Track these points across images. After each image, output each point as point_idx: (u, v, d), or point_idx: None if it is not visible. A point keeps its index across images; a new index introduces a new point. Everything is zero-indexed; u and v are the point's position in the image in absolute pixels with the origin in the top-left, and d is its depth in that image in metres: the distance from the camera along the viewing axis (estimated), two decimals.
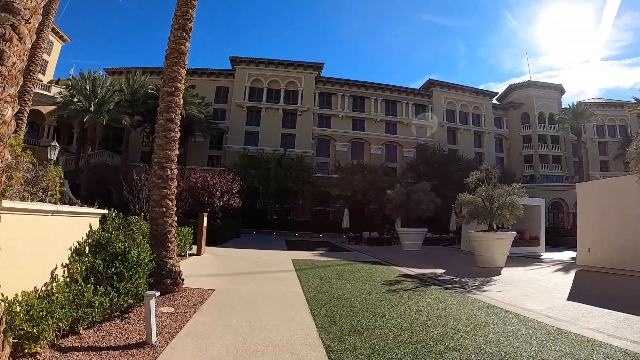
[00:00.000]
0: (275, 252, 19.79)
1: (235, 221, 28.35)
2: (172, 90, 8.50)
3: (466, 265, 17.48)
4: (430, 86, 60.06)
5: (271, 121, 52.69)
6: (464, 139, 58.94)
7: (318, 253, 20.66)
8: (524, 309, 8.01)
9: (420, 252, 24.34)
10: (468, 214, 17.86)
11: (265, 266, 13.56)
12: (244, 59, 54.54)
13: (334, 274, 12.32)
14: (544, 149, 61.90)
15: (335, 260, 17.06)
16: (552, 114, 62.87)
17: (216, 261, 14.47)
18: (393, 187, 40.70)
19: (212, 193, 22.15)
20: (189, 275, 9.71)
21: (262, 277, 11.32)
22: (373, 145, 54.93)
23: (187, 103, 39.71)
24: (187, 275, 9.29)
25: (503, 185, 18.36)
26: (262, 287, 9.45)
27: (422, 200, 25.49)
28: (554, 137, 62.78)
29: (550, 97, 64.74)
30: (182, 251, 14.55)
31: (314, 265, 14.31)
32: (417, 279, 12.25)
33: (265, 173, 39.74)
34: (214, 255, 16.10)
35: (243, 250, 19.82)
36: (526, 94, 64.17)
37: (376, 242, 29.65)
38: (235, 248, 20.83)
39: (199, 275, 10.84)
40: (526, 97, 64.02)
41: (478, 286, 11.22)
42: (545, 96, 64.40)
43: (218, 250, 18.63)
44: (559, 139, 63.00)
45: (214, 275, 11.10)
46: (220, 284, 9.59)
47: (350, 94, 56.73)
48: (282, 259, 16.12)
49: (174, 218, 8.24)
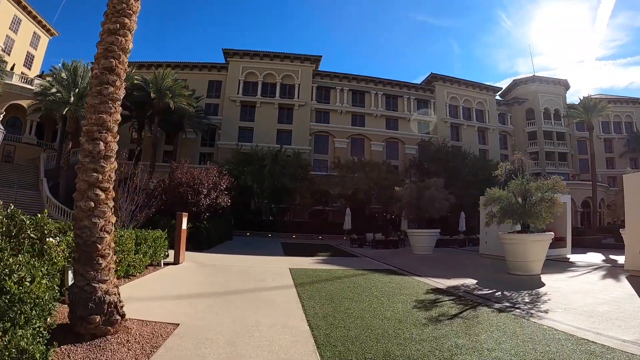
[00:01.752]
0: (271, 259, 16.99)
1: (226, 222, 25.50)
2: (115, 28, 5.66)
3: (495, 272, 15.05)
4: (433, 81, 57.44)
5: (266, 116, 49.79)
6: (468, 135, 56.30)
7: (320, 259, 17.86)
8: (622, 342, 5.71)
9: (433, 257, 21.69)
10: (501, 211, 15.11)
11: (257, 280, 10.73)
12: (238, 52, 51.67)
13: (345, 291, 9.50)
14: (549, 145, 60.03)
15: (341, 269, 14.24)
16: (558, 110, 61.15)
17: (196, 272, 11.67)
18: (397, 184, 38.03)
19: (198, 190, 19.31)
20: (150, 298, 7.06)
21: (252, 298, 8.43)
22: (374, 142, 52.16)
23: (175, 95, 36.92)
24: (149, 297, 6.75)
25: (538, 179, 15.84)
26: (251, 319, 6.58)
27: (436, 198, 22.74)
28: (559, 133, 60.96)
29: (555, 93, 62.70)
30: (154, 260, 11.74)
31: (318, 278, 11.51)
32: (454, 296, 9.50)
33: (260, 170, 36.79)
34: (195, 264, 13.31)
35: (233, 257, 16.93)
36: (530, 89, 62.09)
37: (382, 245, 26.87)
38: (224, 254, 17.95)
39: (165, 297, 8.05)
40: (530, 92, 61.94)
41: (532, 304, 8.76)
42: (550, 91, 62.33)
43: (203, 257, 15.83)
44: (565, 136, 60.97)
45: (186, 297, 8.22)
46: (192, 314, 6.77)
47: (350, 88, 53.96)
48: (279, 268, 13.32)
49: (109, 218, 5.35)
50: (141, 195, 12.93)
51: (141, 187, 12.91)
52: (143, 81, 38.43)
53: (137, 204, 12.89)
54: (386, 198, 37.12)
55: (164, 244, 12.30)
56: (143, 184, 12.99)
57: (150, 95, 36.09)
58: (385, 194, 37.18)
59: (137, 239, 10.33)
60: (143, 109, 39.41)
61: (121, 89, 5.72)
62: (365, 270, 14.03)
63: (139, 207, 12.87)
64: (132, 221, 12.77)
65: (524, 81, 63.47)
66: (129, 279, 9.85)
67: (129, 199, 12.48)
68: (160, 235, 11.98)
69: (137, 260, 10.11)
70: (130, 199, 12.56)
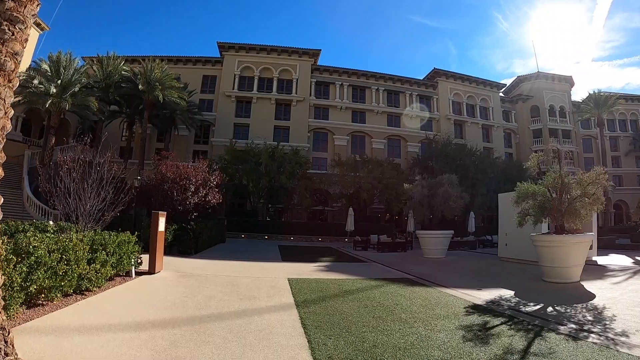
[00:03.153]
0: (266, 266, 14.65)
1: (218, 224, 23.21)
2: None
3: (528, 279, 13.11)
4: (435, 76, 55.29)
5: (263, 112, 47.42)
6: (472, 132, 54.18)
7: (323, 266, 15.58)
8: None
9: (448, 261, 19.53)
10: (538, 209, 12.94)
11: (248, 296, 8.44)
12: (234, 45, 49.36)
13: (364, 313, 7.22)
14: (555, 144, 57.41)
15: (351, 278, 11.99)
16: (563, 107, 59.77)
17: (173, 286, 9.39)
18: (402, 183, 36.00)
19: (185, 187, 17.03)
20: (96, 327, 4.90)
21: (238, 328, 6.02)
22: (375, 139, 49.92)
23: (165, 87, 34.62)
24: (94, 327, 4.76)
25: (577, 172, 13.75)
26: None
27: (450, 196, 20.55)
28: (565, 131, 59.20)
29: (560, 90, 60.98)
30: (120, 269, 9.48)
31: (325, 292, 9.23)
32: (502, 317, 7.33)
33: (255, 168, 34.44)
34: (175, 274, 11.04)
35: (223, 264, 14.63)
36: (535, 86, 60.17)
37: (388, 248, 24.67)
38: (214, 259, 15.68)
39: (118, 326, 5.76)
40: (535, 89, 60.04)
41: (600, 324, 6.92)
42: (555, 88, 60.58)
43: (187, 264, 13.58)
44: (570, 134, 59.29)
45: (147, 326, 5.87)
46: (144, 357, 4.51)
47: (350, 84, 51.70)
48: (275, 279, 11.04)
49: None
50: (109, 190, 10.64)
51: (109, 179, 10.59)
52: (131, 73, 36.11)
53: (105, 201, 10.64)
54: (391, 197, 34.98)
55: (134, 250, 10.02)
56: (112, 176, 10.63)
57: (138, 88, 33.75)
58: (390, 193, 35.04)
59: (93, 245, 8.08)
60: (133, 103, 37.17)
61: None
62: (379, 280, 11.78)
63: (107, 204, 10.59)
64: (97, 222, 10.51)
65: (528, 78, 61.57)
66: (82, 295, 7.62)
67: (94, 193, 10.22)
68: (128, 238, 9.67)
69: (93, 271, 7.85)
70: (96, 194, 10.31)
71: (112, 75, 35.94)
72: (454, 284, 11.51)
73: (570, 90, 62.26)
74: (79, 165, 10.50)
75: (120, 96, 37.09)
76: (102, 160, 10.90)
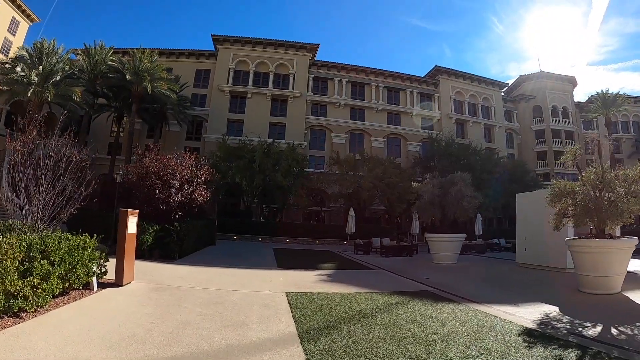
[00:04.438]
0: (260, 274, 12.56)
1: (208, 225, 21.18)
2: None
3: (560, 290, 11.87)
4: (437, 74, 53.47)
5: (258, 108, 45.32)
6: (473, 132, 52.39)
7: (325, 274, 13.54)
8: None
9: (462, 268, 17.74)
10: (580, 209, 11.11)
11: (234, 322, 6.39)
12: (229, 38, 47.24)
13: (393, 348, 5.25)
14: (558, 144, 56.41)
15: (362, 292, 9.99)
16: (566, 108, 58.50)
17: (139, 304, 7.36)
18: (404, 182, 34.14)
19: (169, 183, 15.02)
20: None
21: None
22: (374, 138, 47.91)
23: (154, 78, 32.52)
24: None
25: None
26: None
27: (464, 195, 18.62)
28: (568, 132, 57.87)
29: (563, 90, 59.66)
30: (74, 281, 7.41)
31: (335, 314, 7.22)
32: (570, 346, 5.58)
33: (249, 164, 32.34)
34: (147, 286, 9.02)
35: (209, 271, 12.56)
36: (537, 86, 58.64)
37: (393, 252, 22.71)
38: (199, 265, 13.61)
39: None
40: (538, 89, 58.54)
41: None
42: (558, 88, 59.09)
43: (166, 272, 11.54)
44: (573, 135, 57.86)
45: None
46: None
47: (349, 80, 49.71)
48: (270, 294, 9.03)
49: None
50: (68, 182, 8.66)
51: (67, 168, 8.61)
52: (119, 63, 34.02)
53: (64, 196, 8.66)
54: (393, 198, 33.06)
55: (94, 256, 7.99)
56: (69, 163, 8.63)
57: (126, 78, 31.67)
58: (392, 193, 33.10)
59: (29, 252, 6.09)
60: (121, 95, 35.11)
61: None
62: (396, 294, 9.82)
63: (65, 200, 8.62)
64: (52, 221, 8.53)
65: (530, 77, 60.13)
66: (16, 319, 5.67)
67: (47, 185, 8.25)
68: (83, 243, 7.62)
69: (29, 287, 5.85)
70: (50, 186, 8.33)
71: (99, 65, 33.80)
72: (483, 297, 9.69)
73: (573, 90, 60.90)
74: (29, 151, 8.52)
75: (108, 88, 35.07)
76: (58, 143, 8.84)
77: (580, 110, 58.88)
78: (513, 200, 38.43)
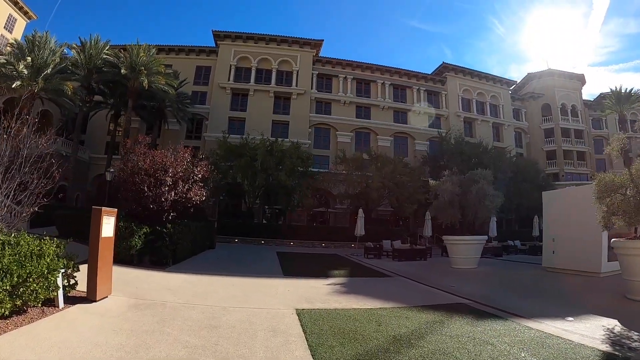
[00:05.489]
0: (264, 285, 10.86)
1: (206, 227, 19.50)
2: None
3: (606, 298, 10.55)
4: (444, 71, 51.96)
5: (260, 106, 43.66)
6: (482, 131, 50.53)
7: (339, 284, 11.82)
8: None
9: (486, 273, 16.20)
10: (633, 207, 9.57)
11: (231, 356, 4.81)
12: (230, 34, 45.67)
13: None
14: (567, 144, 55.24)
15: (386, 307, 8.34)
16: (575, 106, 56.93)
17: (110, 330, 5.67)
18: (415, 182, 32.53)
19: (160, 180, 13.35)
20: None
21: None
22: (380, 137, 46.18)
23: (151, 73, 30.90)
24: None
25: None
26: None
27: (486, 194, 16.95)
28: (577, 130, 56.23)
29: (572, 88, 58.09)
30: (31, 298, 5.74)
31: (363, 342, 5.51)
32: None
33: (251, 163, 30.59)
34: (127, 302, 7.34)
35: (204, 281, 10.85)
36: (546, 84, 57.13)
37: (406, 256, 21.05)
38: (194, 273, 11.87)
39: None
40: (546, 87, 56.98)
41: None
42: (567, 86, 57.51)
43: (155, 282, 9.86)
44: (583, 134, 56.38)
45: None
46: None
47: (354, 77, 48.09)
48: (278, 312, 7.34)
49: None
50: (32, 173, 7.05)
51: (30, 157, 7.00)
52: (114, 57, 32.43)
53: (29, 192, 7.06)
54: (403, 198, 31.37)
55: (57, 266, 6.34)
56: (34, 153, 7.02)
57: (121, 72, 30.06)
58: (402, 193, 31.42)
59: None
60: (117, 91, 33.50)
61: None
62: (427, 308, 8.16)
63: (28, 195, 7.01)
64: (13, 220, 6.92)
65: (538, 75, 58.62)
66: None
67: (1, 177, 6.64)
68: (39, 249, 5.97)
69: None
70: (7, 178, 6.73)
71: (94, 59, 32.14)
72: (527, 310, 8.20)
73: (581, 88, 59.31)
74: None
75: (104, 84, 33.51)
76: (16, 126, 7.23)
77: (591, 107, 57.37)
78: (525, 201, 37.23)
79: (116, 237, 12.18)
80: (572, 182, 46.00)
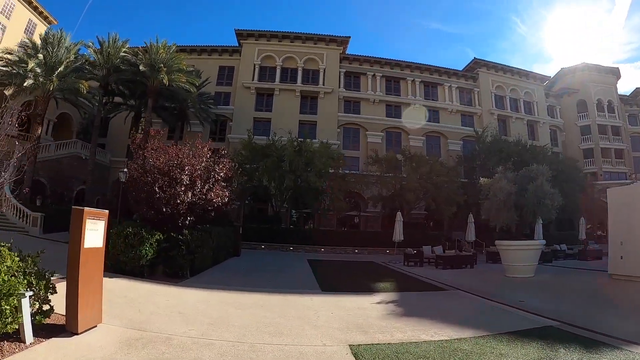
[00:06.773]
0: (298, 304, 8.79)
1: (228, 232, 17.64)
2: None
3: None
4: (475, 67, 49.14)
5: (286, 105, 41.86)
6: (516, 129, 47.46)
7: (391, 301, 9.67)
8: None
9: (549, 283, 14.01)
10: None
11: None
12: (253, 33, 44.12)
13: None
14: (604, 141, 51.53)
15: (463, 336, 6.22)
16: (611, 102, 52.98)
17: None
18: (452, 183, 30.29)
19: (175, 179, 11.49)
20: None
21: None
22: (412, 136, 43.60)
23: (171, 70, 29.35)
24: None
25: None
26: None
27: (546, 193, 14.71)
28: (614, 127, 52.44)
29: (608, 82, 54.10)
30: None
31: None
32: None
33: (278, 164, 28.60)
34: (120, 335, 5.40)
35: (226, 300, 8.86)
36: (580, 79, 53.46)
37: (451, 264, 18.80)
38: (214, 289, 9.89)
39: None
40: (581, 82, 53.32)
41: None
42: (602, 81, 53.71)
43: (164, 302, 7.92)
44: (620, 130, 52.58)
45: None
46: None
47: (383, 74, 45.79)
48: (323, 348, 5.35)
49: None
50: None
51: None
52: (133, 55, 31.05)
53: None
54: (440, 200, 29.10)
55: (17, 288, 4.49)
56: None
57: (140, 70, 28.59)
58: (439, 194, 29.16)
59: None
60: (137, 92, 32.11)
61: None
62: (517, 337, 6.02)
63: None
64: None
65: (572, 70, 54.96)
66: None
67: None
68: None
69: None
70: None
71: (112, 58, 30.73)
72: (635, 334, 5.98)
73: (617, 83, 55.61)
74: None
75: (123, 84, 32.08)
76: None
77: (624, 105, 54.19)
78: (568, 202, 34.46)
79: (124, 246, 10.53)
80: (611, 181, 43.06)
